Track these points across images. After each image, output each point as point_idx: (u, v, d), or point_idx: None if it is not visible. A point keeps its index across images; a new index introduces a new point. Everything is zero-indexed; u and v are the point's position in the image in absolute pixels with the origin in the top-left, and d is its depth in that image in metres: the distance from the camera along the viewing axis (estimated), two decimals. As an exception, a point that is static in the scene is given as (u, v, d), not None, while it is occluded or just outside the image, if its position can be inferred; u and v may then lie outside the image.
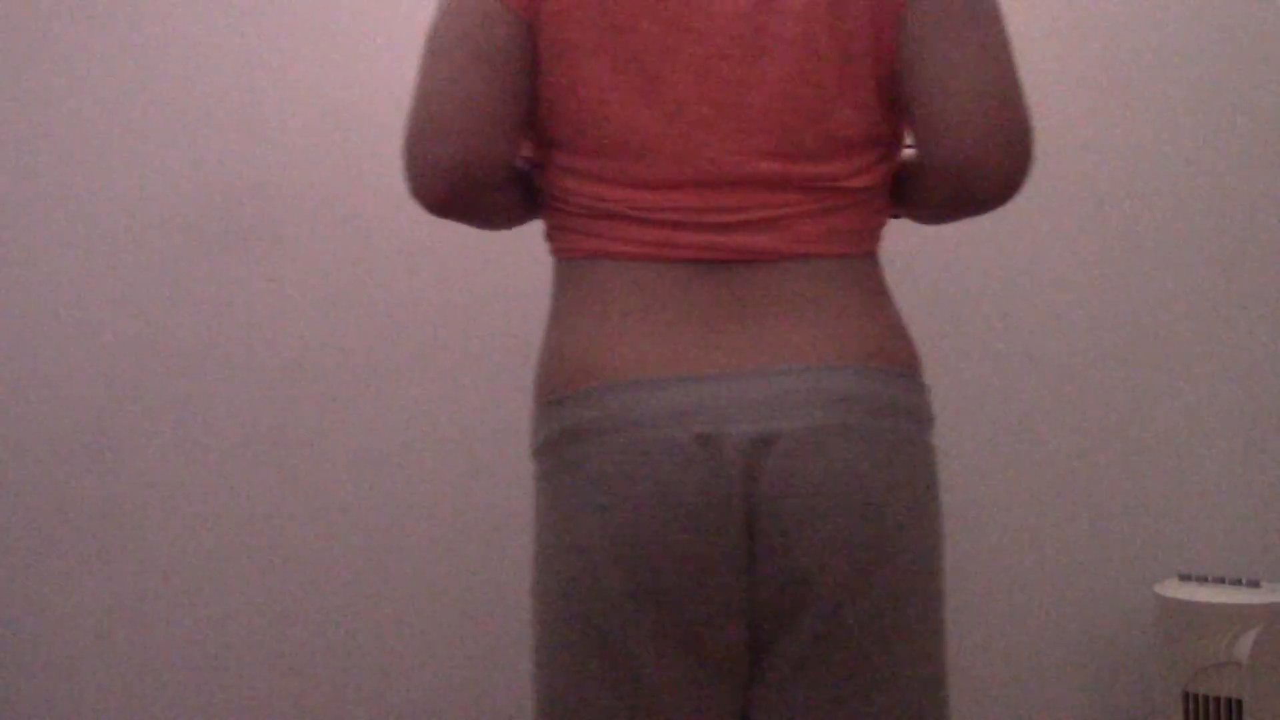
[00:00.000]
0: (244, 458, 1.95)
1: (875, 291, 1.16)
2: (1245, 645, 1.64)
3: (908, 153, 1.20)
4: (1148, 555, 1.88)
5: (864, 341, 1.11)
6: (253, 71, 1.97)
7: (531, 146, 1.20)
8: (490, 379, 1.95)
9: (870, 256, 1.18)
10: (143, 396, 1.95)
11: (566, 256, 1.17)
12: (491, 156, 1.11)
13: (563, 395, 1.10)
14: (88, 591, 1.92)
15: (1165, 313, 1.88)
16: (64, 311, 1.94)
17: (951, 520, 1.93)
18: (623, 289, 1.11)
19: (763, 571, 1.06)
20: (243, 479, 1.95)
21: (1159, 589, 1.75)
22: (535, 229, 1.26)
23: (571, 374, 1.10)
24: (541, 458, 1.13)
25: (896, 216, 1.27)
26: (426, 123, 1.11)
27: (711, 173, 1.10)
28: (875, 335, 1.12)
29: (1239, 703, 1.64)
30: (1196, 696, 1.67)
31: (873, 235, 1.19)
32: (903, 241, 1.91)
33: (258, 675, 1.94)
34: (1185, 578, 1.79)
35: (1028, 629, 1.91)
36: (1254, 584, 1.73)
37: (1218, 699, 1.66)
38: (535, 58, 1.11)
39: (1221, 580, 1.75)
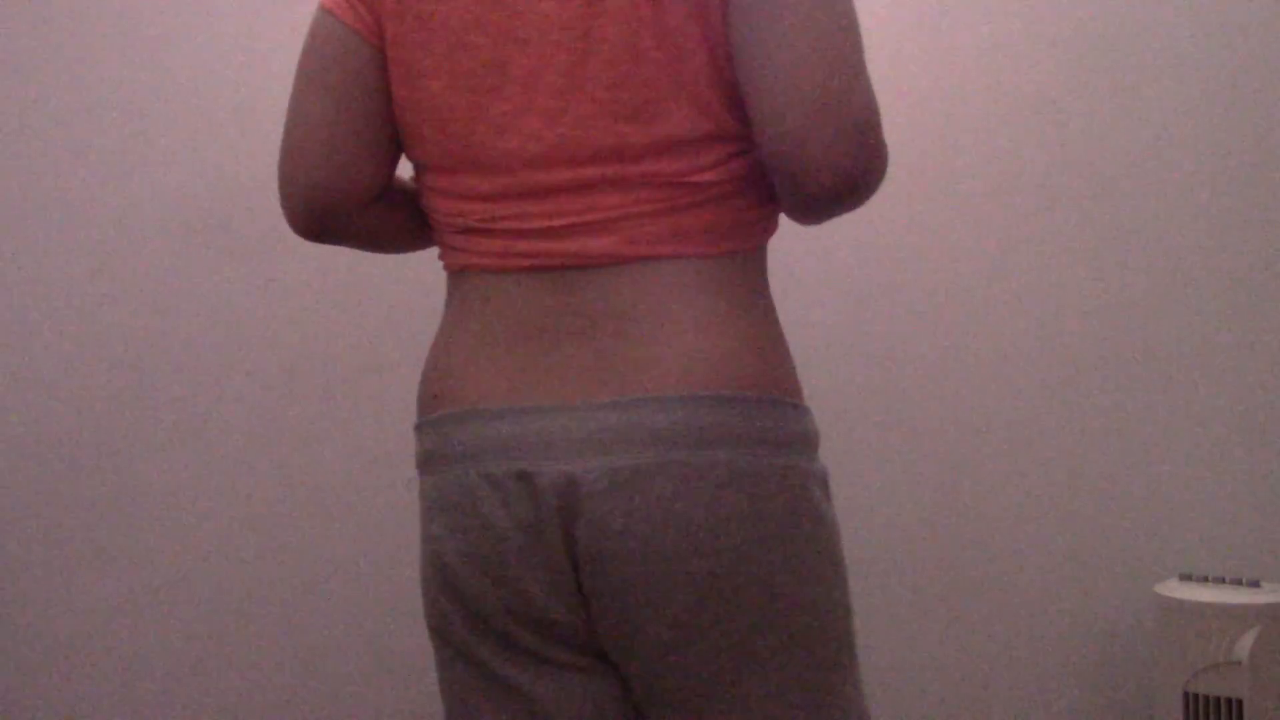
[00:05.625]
0: (244, 457, 1.95)
1: (737, 299, 1.08)
2: (1245, 645, 1.64)
3: None
4: (1148, 555, 1.88)
5: (709, 363, 1.04)
6: (253, 71, 1.97)
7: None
8: (490, 379, 1.95)
9: (735, 257, 1.10)
10: (143, 396, 1.95)
11: (447, 271, 1.18)
12: (350, 182, 1.14)
13: (420, 421, 1.14)
14: (88, 591, 1.92)
15: (1165, 313, 1.88)
16: (64, 311, 1.94)
17: (952, 521, 1.94)
18: (476, 305, 1.11)
19: (595, 609, 1.05)
20: (243, 478, 1.95)
21: (1159, 589, 1.75)
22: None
23: (428, 400, 1.14)
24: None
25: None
26: (287, 153, 1.15)
27: (543, 180, 1.08)
28: (726, 354, 1.05)
29: (1239, 703, 1.64)
30: (1196, 696, 1.67)
31: (738, 234, 1.10)
32: (909, 244, 1.92)
33: (258, 674, 1.94)
34: (1185, 578, 1.79)
35: (1028, 629, 1.91)
36: (1254, 584, 1.73)
37: (1218, 699, 1.66)
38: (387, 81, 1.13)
39: (1221, 580, 1.76)
